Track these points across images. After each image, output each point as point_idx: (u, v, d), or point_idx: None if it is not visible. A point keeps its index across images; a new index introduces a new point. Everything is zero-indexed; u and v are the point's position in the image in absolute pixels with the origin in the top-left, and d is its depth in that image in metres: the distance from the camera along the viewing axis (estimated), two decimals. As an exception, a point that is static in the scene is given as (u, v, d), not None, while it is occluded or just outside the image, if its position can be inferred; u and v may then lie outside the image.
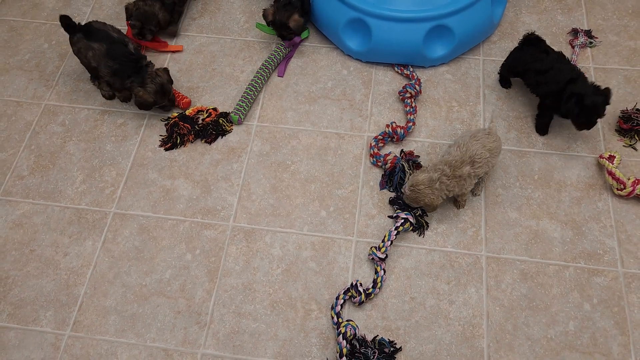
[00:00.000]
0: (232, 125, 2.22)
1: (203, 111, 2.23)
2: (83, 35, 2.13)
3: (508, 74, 2.26)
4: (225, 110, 2.25)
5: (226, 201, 2.04)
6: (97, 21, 2.18)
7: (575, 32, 2.41)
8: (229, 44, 2.48)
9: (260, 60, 2.40)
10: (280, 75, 2.36)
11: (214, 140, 2.19)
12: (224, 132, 2.20)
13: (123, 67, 2.11)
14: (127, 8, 2.37)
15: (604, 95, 1.95)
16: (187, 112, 2.22)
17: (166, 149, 2.17)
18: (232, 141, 2.19)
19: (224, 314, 1.81)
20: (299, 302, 1.84)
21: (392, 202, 2.00)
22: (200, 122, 2.21)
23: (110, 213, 2.03)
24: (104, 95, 2.30)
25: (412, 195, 1.87)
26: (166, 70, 2.19)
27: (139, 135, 2.22)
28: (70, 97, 2.34)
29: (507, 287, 1.84)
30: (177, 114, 2.21)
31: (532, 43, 2.13)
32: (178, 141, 2.17)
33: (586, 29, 2.42)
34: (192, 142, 2.19)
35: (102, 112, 2.29)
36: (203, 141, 2.18)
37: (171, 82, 2.20)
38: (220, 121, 2.19)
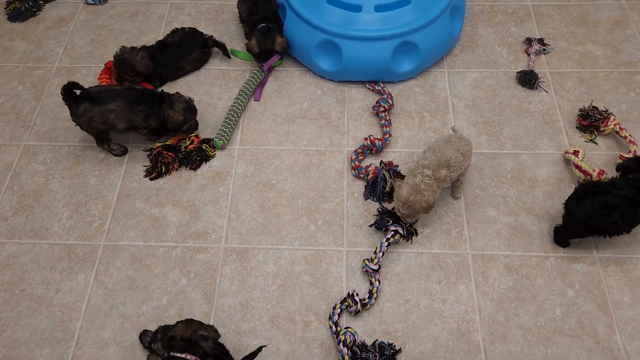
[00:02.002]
0: (215, 151, 2.27)
1: (185, 139, 2.27)
2: (90, 103, 2.06)
3: (572, 236, 1.96)
4: (207, 137, 2.30)
5: (216, 224, 2.08)
6: (93, 87, 2.13)
7: (529, 41, 2.59)
8: (204, 74, 2.55)
9: (237, 87, 2.47)
10: (257, 100, 2.44)
11: (199, 166, 2.23)
12: (207, 158, 2.24)
13: (150, 105, 2.11)
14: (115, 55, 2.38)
15: None
16: (168, 142, 2.26)
17: (151, 179, 2.20)
18: (216, 166, 2.24)
19: (225, 334, 1.83)
20: (297, 315, 1.87)
21: (378, 225, 2.03)
22: (183, 149, 2.25)
23: (100, 246, 2.03)
24: (117, 155, 2.27)
25: (409, 210, 1.90)
26: (178, 93, 2.21)
27: (123, 167, 2.24)
28: (50, 135, 2.35)
29: (494, 282, 1.92)
30: (159, 144, 2.24)
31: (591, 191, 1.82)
32: (163, 170, 2.20)
33: (539, 37, 2.60)
34: (177, 170, 2.22)
35: (83, 147, 2.30)
36: (188, 168, 2.22)
37: (192, 100, 2.23)
38: (204, 147, 2.24)
